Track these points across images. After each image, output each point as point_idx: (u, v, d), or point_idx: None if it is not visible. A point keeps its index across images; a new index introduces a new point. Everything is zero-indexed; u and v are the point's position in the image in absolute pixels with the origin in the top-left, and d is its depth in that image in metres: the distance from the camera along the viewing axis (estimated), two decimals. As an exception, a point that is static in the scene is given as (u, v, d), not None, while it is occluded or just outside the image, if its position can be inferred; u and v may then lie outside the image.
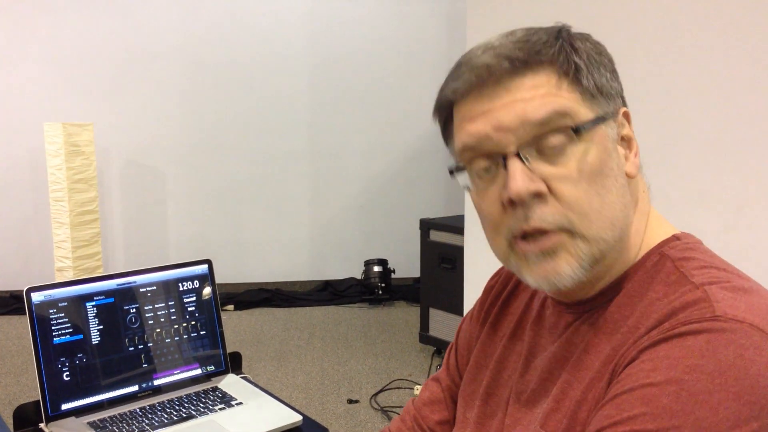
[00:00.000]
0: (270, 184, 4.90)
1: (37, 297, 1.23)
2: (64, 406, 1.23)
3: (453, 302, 3.37)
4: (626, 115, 0.71)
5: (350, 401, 3.08)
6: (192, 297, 1.42)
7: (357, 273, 4.85)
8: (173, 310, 1.39)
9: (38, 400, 1.21)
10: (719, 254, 0.70)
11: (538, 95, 0.65)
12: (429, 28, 4.87)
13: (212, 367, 1.43)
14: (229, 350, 1.48)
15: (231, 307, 4.50)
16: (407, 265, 4.70)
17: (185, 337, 1.40)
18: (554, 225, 0.65)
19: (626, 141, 0.70)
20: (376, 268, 4.69)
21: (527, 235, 0.66)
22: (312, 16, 4.81)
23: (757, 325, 0.57)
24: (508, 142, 0.65)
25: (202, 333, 1.42)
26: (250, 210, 4.91)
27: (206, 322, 1.43)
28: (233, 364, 1.47)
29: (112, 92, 4.66)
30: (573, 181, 0.64)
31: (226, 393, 1.36)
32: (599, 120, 0.66)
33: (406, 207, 4.90)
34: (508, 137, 0.65)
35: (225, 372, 1.44)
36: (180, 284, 1.41)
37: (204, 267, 1.45)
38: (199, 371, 1.40)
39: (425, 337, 3.63)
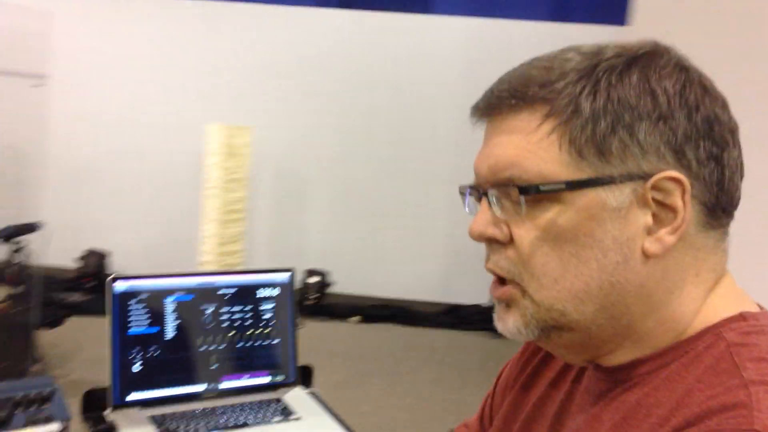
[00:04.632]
0: (410, 201, 4.91)
1: (119, 286, 1.28)
2: (130, 397, 1.27)
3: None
4: (676, 181, 0.55)
5: (454, 432, 2.96)
6: (271, 304, 1.42)
7: (484, 299, 4.71)
8: (249, 315, 1.39)
9: (107, 387, 1.25)
10: None
11: (510, 140, 0.60)
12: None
13: (281, 378, 1.41)
14: (346, 363, 1.46)
15: (357, 318, 4.55)
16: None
17: (257, 344, 1.39)
18: (507, 274, 0.61)
19: (662, 212, 0.56)
20: (505, 297, 4.52)
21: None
22: (469, 36, 4.77)
23: None
24: (482, 180, 0.63)
25: (275, 342, 1.41)
26: (387, 224, 4.95)
27: (281, 331, 1.42)
28: (304, 377, 1.44)
29: (271, 99, 4.93)
30: (535, 238, 0.59)
31: (288, 406, 1.33)
32: (582, 184, 0.56)
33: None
34: (481, 176, 0.63)
35: (294, 384, 1.41)
36: (259, 290, 1.41)
37: (286, 275, 1.44)
38: (267, 380, 1.39)
39: (545, 377, 3.42)
